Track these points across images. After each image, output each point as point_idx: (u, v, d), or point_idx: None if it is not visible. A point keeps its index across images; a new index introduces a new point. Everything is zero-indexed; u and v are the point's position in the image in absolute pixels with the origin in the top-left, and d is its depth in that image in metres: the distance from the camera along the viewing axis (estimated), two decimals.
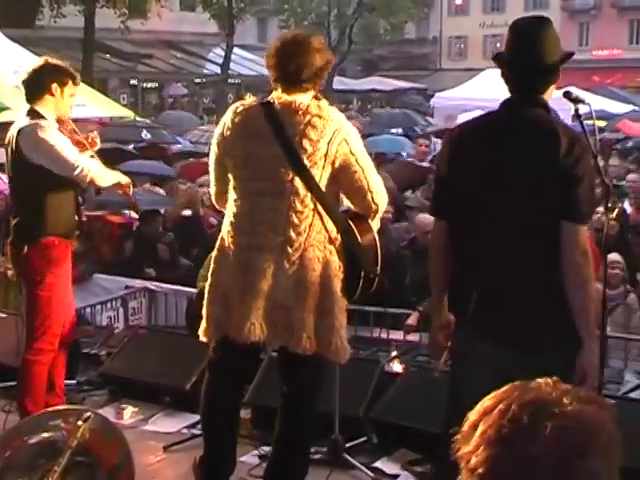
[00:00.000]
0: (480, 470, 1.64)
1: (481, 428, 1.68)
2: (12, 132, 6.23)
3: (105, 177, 6.34)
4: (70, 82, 6.30)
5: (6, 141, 6.32)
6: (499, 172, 4.30)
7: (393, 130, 28.09)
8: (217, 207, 5.55)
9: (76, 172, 6.04)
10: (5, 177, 6.71)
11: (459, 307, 4.52)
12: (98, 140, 6.61)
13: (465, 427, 1.72)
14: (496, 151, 4.34)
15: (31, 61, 6.75)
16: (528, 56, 4.42)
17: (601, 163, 5.11)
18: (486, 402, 1.73)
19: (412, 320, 8.51)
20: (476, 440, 1.67)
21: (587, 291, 4.27)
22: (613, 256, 9.06)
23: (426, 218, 10.32)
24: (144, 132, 23.54)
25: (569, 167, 4.16)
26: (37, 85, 6.22)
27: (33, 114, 6.16)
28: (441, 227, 4.61)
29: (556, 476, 1.61)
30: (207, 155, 5.57)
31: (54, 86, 6.18)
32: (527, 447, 1.63)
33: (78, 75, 6.46)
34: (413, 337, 8.38)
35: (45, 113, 6.17)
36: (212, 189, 5.40)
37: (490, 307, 4.33)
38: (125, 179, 6.58)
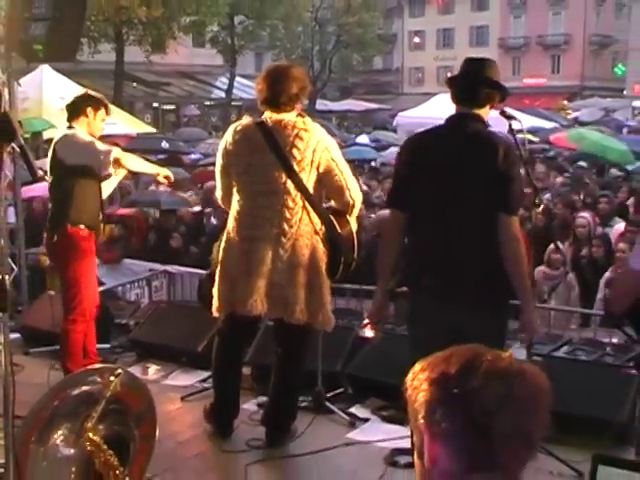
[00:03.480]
0: (425, 407, 1.68)
1: (427, 372, 1.71)
2: (53, 143, 6.33)
3: (131, 160, 6.31)
4: (103, 109, 6.38)
5: (48, 152, 6.40)
6: (450, 173, 4.31)
7: (359, 140, 28.28)
8: (222, 206, 5.56)
9: (102, 156, 6.06)
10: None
11: (418, 279, 4.48)
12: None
13: (415, 371, 1.74)
14: (447, 156, 4.35)
15: (72, 88, 6.78)
16: (472, 70, 4.50)
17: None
18: (433, 357, 1.75)
19: None
20: (423, 379, 1.70)
21: (521, 267, 4.35)
22: (559, 244, 9.17)
23: (383, 213, 10.40)
24: (163, 142, 23.63)
25: (505, 170, 4.22)
26: (75, 107, 6.32)
27: (69, 129, 6.27)
28: (397, 217, 4.57)
29: (495, 403, 1.65)
30: (214, 164, 5.58)
31: (89, 109, 6.28)
32: (468, 382, 1.66)
33: (110, 106, 6.53)
34: None
35: (79, 129, 6.24)
36: (218, 193, 5.41)
37: (443, 277, 4.33)
38: (160, 169, 6.59)
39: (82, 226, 6.18)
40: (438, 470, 1.72)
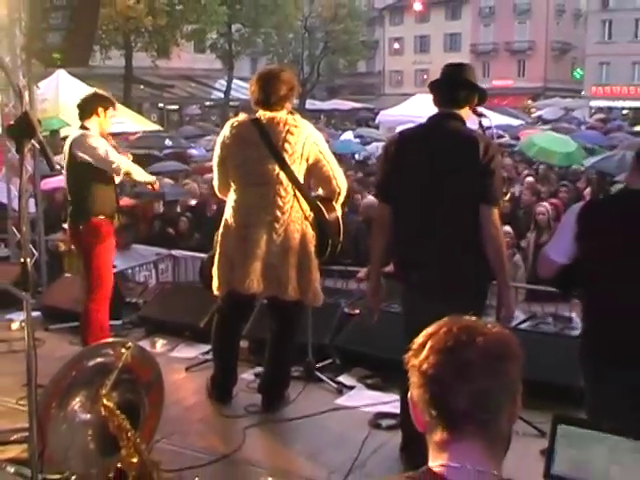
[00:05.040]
0: (430, 371, 1.66)
1: (430, 343, 1.70)
2: (67, 141, 6.24)
3: (136, 172, 6.30)
4: (111, 107, 6.30)
5: (63, 149, 6.31)
6: (432, 169, 4.20)
7: (343, 138, 28.27)
8: (219, 196, 5.54)
9: (113, 166, 6.04)
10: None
11: (407, 277, 4.38)
12: (129, 155, 6.57)
13: (415, 346, 1.73)
14: (429, 151, 4.25)
15: (86, 91, 6.73)
16: (452, 74, 4.41)
17: None
18: (430, 328, 1.74)
19: (362, 274, 8.48)
20: (427, 351, 1.69)
21: (501, 254, 4.25)
22: (505, 228, 9.17)
23: (369, 199, 10.40)
24: (167, 140, 23.61)
25: (486, 164, 4.11)
26: (87, 107, 6.20)
27: (83, 129, 6.16)
28: (385, 210, 4.44)
29: (485, 375, 1.64)
30: (211, 159, 5.56)
31: (100, 109, 6.18)
32: (465, 353, 1.65)
33: (116, 101, 6.48)
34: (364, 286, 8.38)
35: (91, 128, 6.15)
36: (215, 182, 5.38)
37: (430, 275, 4.22)
38: (152, 179, 6.59)
39: (102, 216, 6.13)
40: (428, 435, 1.74)
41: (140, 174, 6.40)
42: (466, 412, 1.65)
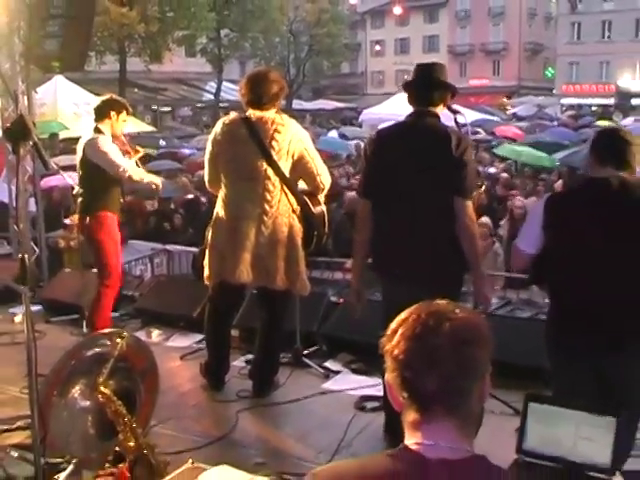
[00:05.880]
0: (400, 357, 1.68)
1: (401, 330, 1.71)
2: (81, 142, 6.34)
3: (139, 176, 6.35)
4: (124, 111, 6.38)
5: (78, 149, 6.41)
6: (410, 163, 4.20)
7: (330, 135, 28.26)
8: (210, 190, 5.54)
9: (119, 170, 6.14)
10: (64, 175, 6.69)
11: (385, 266, 4.39)
12: (141, 150, 6.74)
13: (388, 332, 1.74)
14: (407, 148, 4.25)
15: (83, 95, 6.77)
16: (426, 75, 4.40)
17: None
18: (402, 315, 1.75)
19: (348, 264, 8.51)
20: (398, 338, 1.70)
21: (475, 242, 4.29)
22: (483, 219, 9.22)
23: (353, 195, 10.41)
24: (161, 141, 23.64)
25: (458, 157, 4.11)
26: (101, 111, 6.32)
27: (96, 130, 6.27)
28: (366, 206, 4.43)
29: (452, 359, 1.65)
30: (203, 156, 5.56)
31: (112, 113, 6.28)
32: (432, 339, 1.66)
33: (130, 108, 6.58)
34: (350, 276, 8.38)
35: (104, 130, 6.26)
36: (206, 177, 5.38)
37: (410, 268, 4.20)
38: (157, 180, 6.69)
39: (108, 211, 6.26)
40: (403, 415, 1.75)
41: (145, 176, 6.48)
42: (436, 395, 1.66)
